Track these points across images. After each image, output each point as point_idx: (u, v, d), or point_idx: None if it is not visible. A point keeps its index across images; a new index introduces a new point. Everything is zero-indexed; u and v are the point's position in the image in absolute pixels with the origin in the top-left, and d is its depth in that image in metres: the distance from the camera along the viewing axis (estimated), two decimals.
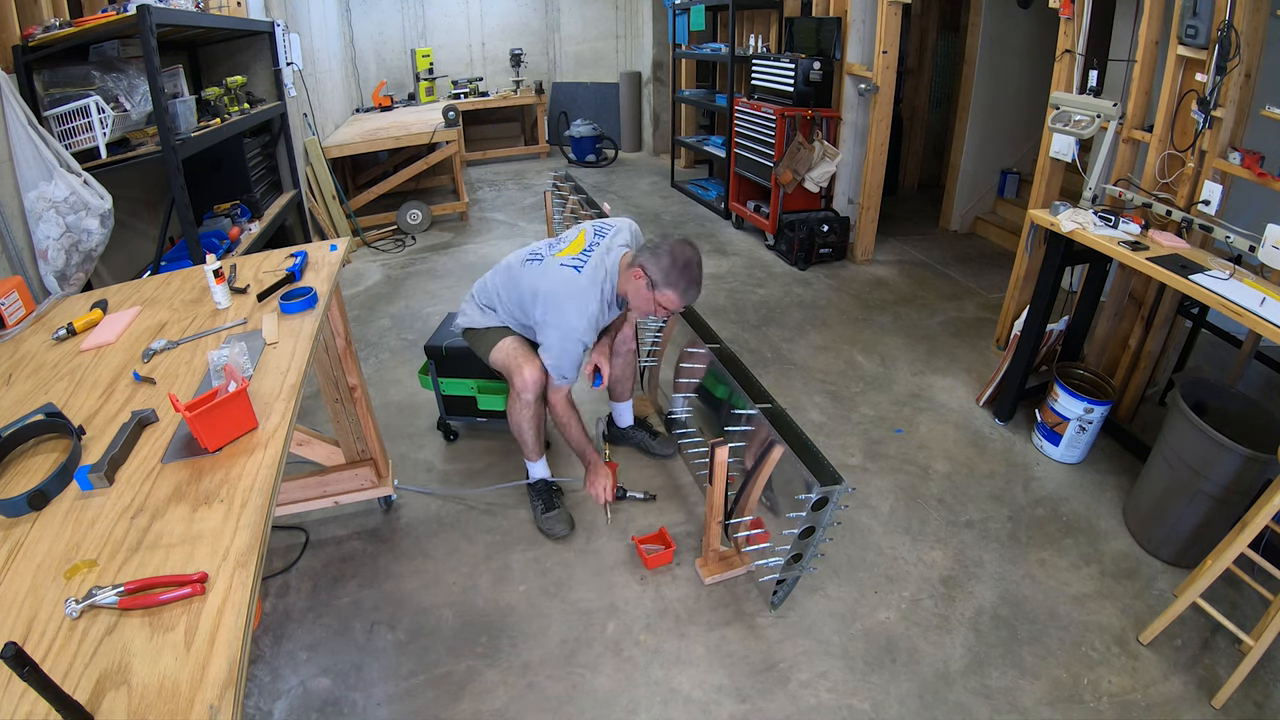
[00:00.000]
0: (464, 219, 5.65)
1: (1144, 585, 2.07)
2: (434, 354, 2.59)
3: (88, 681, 0.78)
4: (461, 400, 2.67)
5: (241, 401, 1.20)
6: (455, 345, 2.52)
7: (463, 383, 2.63)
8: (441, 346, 2.57)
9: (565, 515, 2.30)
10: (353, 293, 4.24)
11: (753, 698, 1.75)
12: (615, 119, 7.91)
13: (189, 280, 1.91)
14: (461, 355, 2.50)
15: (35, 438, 1.22)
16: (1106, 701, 1.73)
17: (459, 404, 2.69)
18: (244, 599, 0.88)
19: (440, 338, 2.62)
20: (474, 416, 2.71)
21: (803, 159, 4.26)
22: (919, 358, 3.35)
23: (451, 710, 1.73)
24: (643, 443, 2.64)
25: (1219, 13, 2.20)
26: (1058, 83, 2.86)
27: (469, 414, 2.71)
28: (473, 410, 2.69)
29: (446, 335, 2.61)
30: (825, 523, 1.78)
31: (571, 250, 2.14)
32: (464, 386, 2.64)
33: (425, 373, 2.65)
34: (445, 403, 2.69)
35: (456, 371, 2.61)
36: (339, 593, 2.07)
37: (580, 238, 2.19)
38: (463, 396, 2.67)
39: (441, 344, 2.58)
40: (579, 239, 2.18)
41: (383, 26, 7.27)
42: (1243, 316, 1.89)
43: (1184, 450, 2.04)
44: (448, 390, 2.66)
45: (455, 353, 2.55)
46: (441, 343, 2.58)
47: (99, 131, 2.21)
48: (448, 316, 2.80)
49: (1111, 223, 2.43)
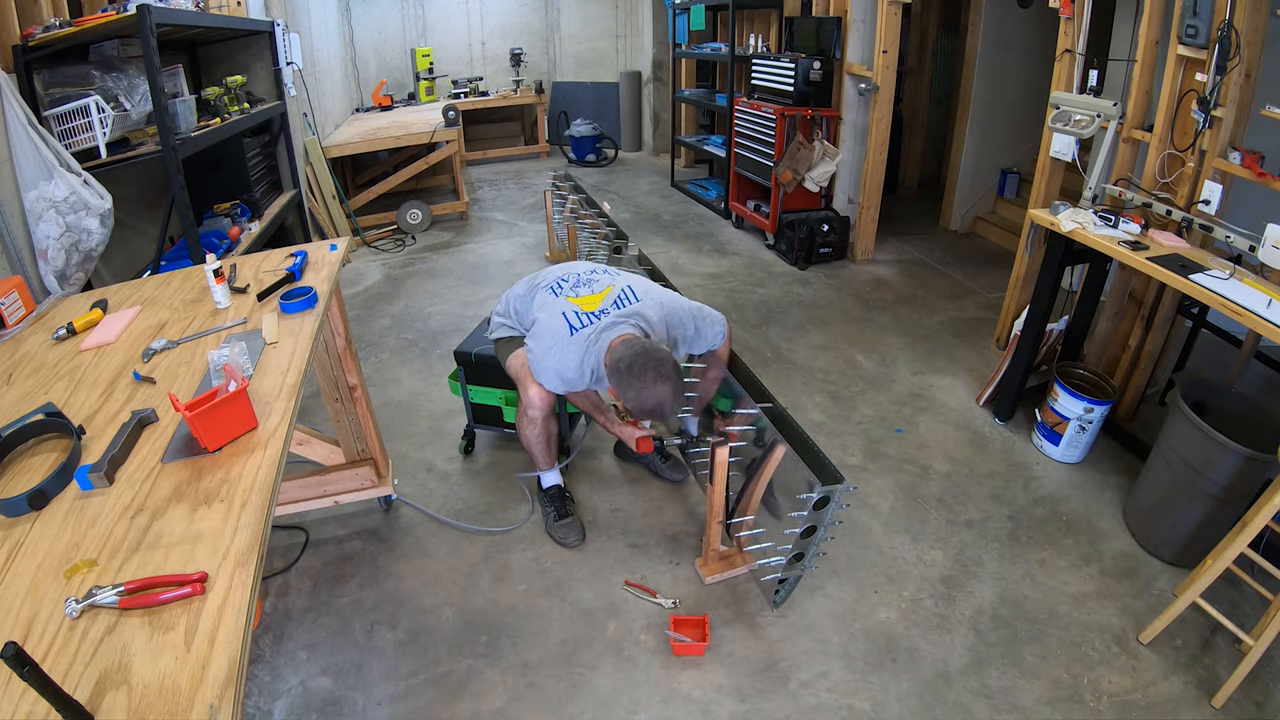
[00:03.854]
0: (464, 218, 5.65)
1: (1144, 585, 2.07)
2: (463, 360, 2.50)
3: (88, 681, 0.78)
4: (488, 410, 2.58)
5: (241, 401, 1.20)
6: (485, 353, 2.43)
7: (491, 392, 2.53)
8: (471, 353, 2.47)
9: (578, 524, 2.25)
10: (353, 292, 4.24)
11: (753, 697, 1.75)
12: (615, 119, 7.91)
13: (189, 280, 1.91)
14: (490, 364, 2.38)
15: (35, 437, 1.22)
16: (1106, 701, 1.73)
17: (485, 413, 2.59)
18: (244, 599, 0.88)
19: (471, 344, 2.53)
20: (500, 428, 2.61)
21: (803, 158, 4.26)
22: (919, 357, 3.35)
23: (451, 710, 1.73)
24: (653, 465, 2.54)
25: (1219, 12, 2.19)
26: (1058, 82, 2.86)
27: (495, 424, 2.61)
28: (499, 421, 2.59)
29: (478, 341, 2.50)
30: (827, 522, 1.78)
31: (585, 303, 2.03)
32: (492, 396, 2.54)
33: (455, 378, 2.56)
34: (473, 410, 2.59)
35: (485, 380, 2.51)
36: (339, 592, 2.07)
37: (603, 294, 2.05)
38: (489, 406, 2.57)
39: (471, 350, 2.48)
40: (601, 294, 2.05)
41: (383, 26, 7.26)
42: (1243, 316, 1.89)
43: (1184, 450, 2.04)
44: (476, 398, 2.55)
45: (484, 360, 2.44)
46: (472, 349, 2.48)
47: (99, 131, 2.21)
48: (482, 322, 2.66)
49: (1111, 222, 2.43)
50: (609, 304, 2.03)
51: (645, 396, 1.79)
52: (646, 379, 1.78)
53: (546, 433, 2.16)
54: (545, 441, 2.18)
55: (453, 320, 3.80)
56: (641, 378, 1.78)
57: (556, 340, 1.96)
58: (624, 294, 2.06)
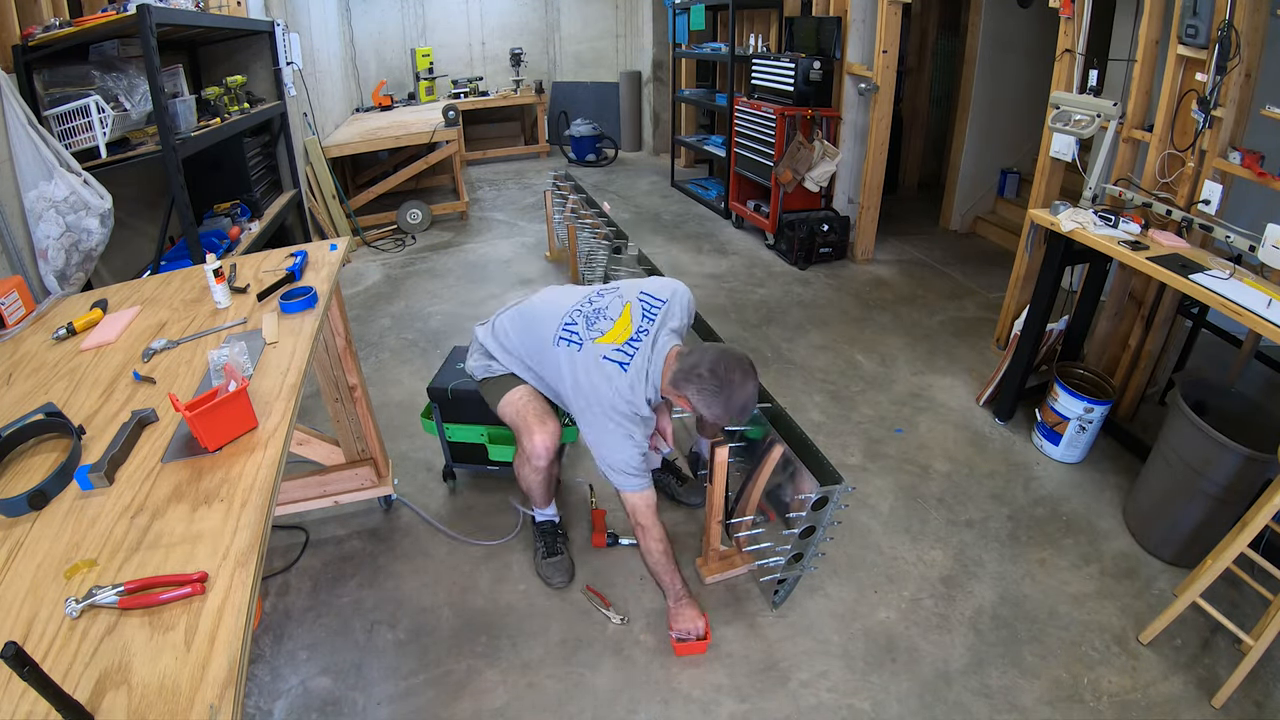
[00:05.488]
0: (464, 218, 5.65)
1: (1144, 585, 2.07)
2: (437, 396, 2.30)
3: (88, 681, 0.78)
4: (468, 448, 2.40)
5: (241, 401, 1.20)
6: (462, 387, 2.24)
7: (471, 429, 2.33)
8: (447, 389, 2.27)
9: (567, 563, 2.11)
10: (353, 292, 4.24)
11: (753, 697, 1.75)
12: (615, 118, 7.91)
13: (189, 280, 1.91)
14: (469, 399, 2.21)
15: (35, 437, 1.22)
16: (1106, 701, 1.73)
17: (466, 451, 2.41)
18: (244, 598, 0.88)
19: (445, 378, 2.31)
20: (483, 465, 2.43)
21: (803, 158, 4.26)
22: (919, 357, 3.35)
23: (451, 709, 1.73)
24: (669, 488, 2.41)
25: (1219, 12, 2.19)
26: (1058, 82, 2.86)
27: (477, 462, 2.43)
28: (482, 458, 2.40)
29: (452, 375, 2.31)
30: (826, 522, 1.78)
31: (614, 337, 1.79)
32: (473, 434, 2.34)
33: (429, 416, 2.36)
34: (450, 449, 2.41)
35: (463, 417, 2.32)
36: (339, 592, 2.07)
37: (625, 318, 1.82)
38: (470, 444, 2.38)
39: (447, 385, 2.27)
40: (624, 319, 1.82)
41: (383, 26, 7.26)
42: (1243, 316, 1.89)
43: (1184, 450, 2.04)
44: (453, 437, 2.37)
45: (462, 395, 2.25)
46: (447, 384, 2.28)
47: (99, 131, 2.21)
48: (453, 351, 2.51)
49: (1111, 222, 2.43)
50: (639, 323, 1.82)
51: (734, 399, 1.65)
52: (734, 380, 1.64)
53: (550, 477, 2.05)
54: (546, 485, 2.06)
55: (453, 320, 3.80)
56: (728, 380, 1.64)
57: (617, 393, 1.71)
58: (646, 303, 1.87)
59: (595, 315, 1.85)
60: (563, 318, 1.86)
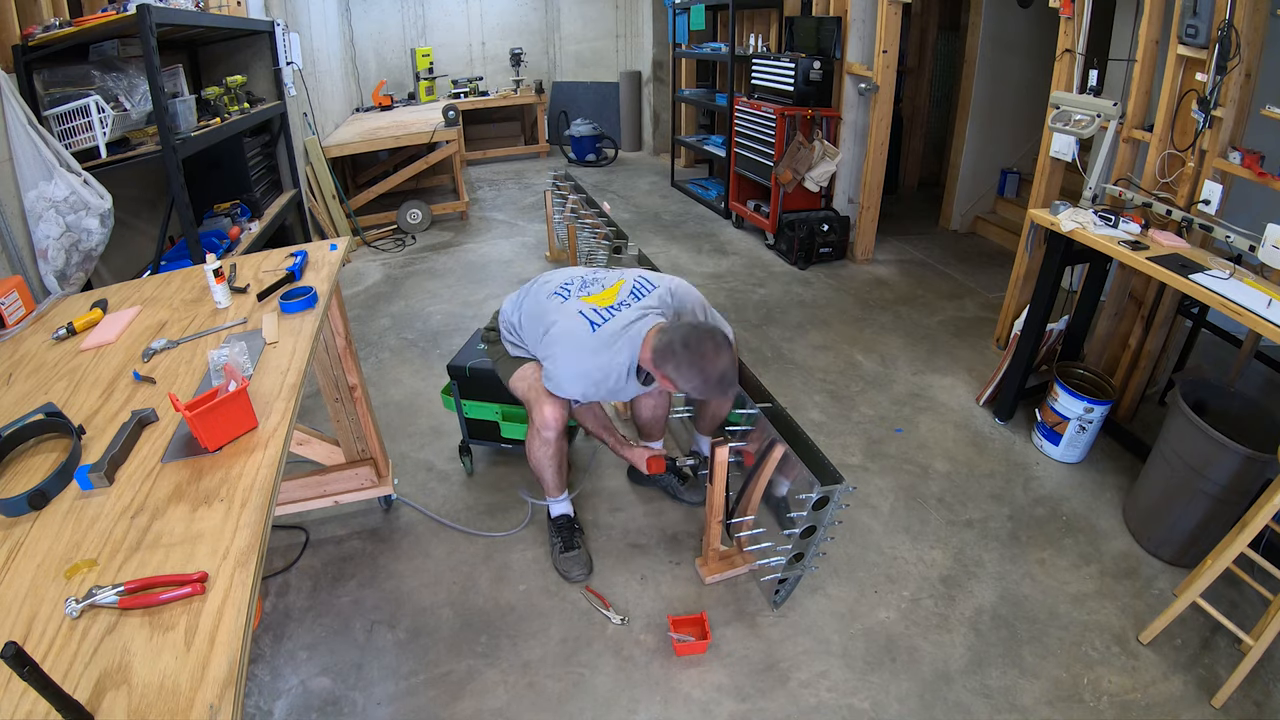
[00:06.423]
0: (464, 218, 5.65)
1: (1144, 585, 2.07)
2: (457, 374, 2.42)
3: (88, 681, 0.78)
4: (484, 425, 2.51)
5: (241, 401, 1.20)
6: (480, 366, 2.36)
7: (487, 406, 2.46)
8: (465, 367, 2.39)
9: (585, 557, 2.13)
10: (353, 292, 4.24)
11: (753, 697, 1.75)
12: (615, 118, 7.90)
13: (189, 280, 1.91)
14: (486, 377, 2.33)
15: (35, 437, 1.22)
16: (1106, 701, 1.73)
17: (481, 428, 2.52)
18: (244, 598, 0.88)
19: (465, 357, 2.45)
20: (497, 442, 2.54)
21: (803, 158, 4.26)
22: (919, 357, 3.35)
23: (451, 709, 1.73)
24: (670, 487, 2.45)
25: (1219, 12, 2.19)
26: (1058, 82, 2.86)
27: (492, 439, 2.54)
28: (495, 436, 2.52)
29: (471, 354, 2.45)
30: (826, 522, 1.78)
31: (599, 300, 1.93)
32: (488, 410, 2.47)
33: (449, 393, 2.51)
34: (468, 425, 2.52)
35: (480, 394, 2.44)
36: (339, 592, 2.07)
37: (616, 288, 1.97)
38: (485, 421, 2.50)
39: (466, 364, 2.40)
40: (614, 288, 1.97)
41: (382, 26, 7.26)
42: (1243, 316, 1.89)
43: (1184, 450, 2.04)
44: (471, 414, 2.49)
45: (480, 374, 2.37)
46: (466, 362, 2.41)
47: (99, 131, 2.21)
48: (474, 334, 2.61)
49: (1111, 222, 2.43)
50: (625, 296, 1.95)
51: (709, 370, 1.72)
52: (706, 351, 1.72)
53: (560, 453, 2.07)
54: (558, 464, 2.09)
55: (453, 320, 3.80)
56: (700, 352, 1.71)
57: (577, 341, 1.85)
58: (639, 284, 2.00)
59: (592, 282, 2.02)
60: (565, 278, 2.05)
